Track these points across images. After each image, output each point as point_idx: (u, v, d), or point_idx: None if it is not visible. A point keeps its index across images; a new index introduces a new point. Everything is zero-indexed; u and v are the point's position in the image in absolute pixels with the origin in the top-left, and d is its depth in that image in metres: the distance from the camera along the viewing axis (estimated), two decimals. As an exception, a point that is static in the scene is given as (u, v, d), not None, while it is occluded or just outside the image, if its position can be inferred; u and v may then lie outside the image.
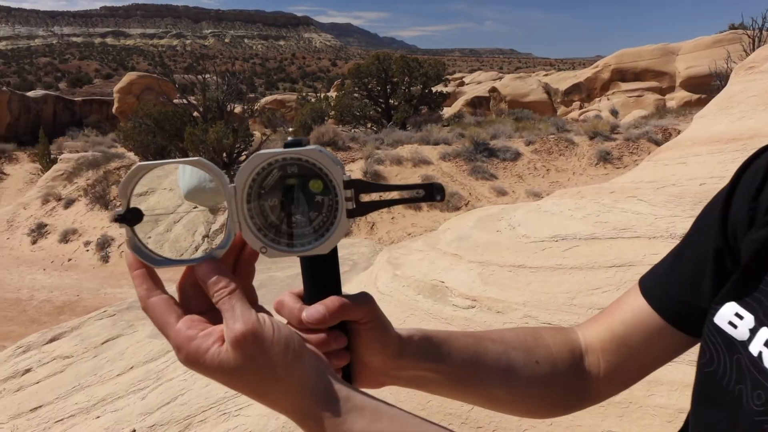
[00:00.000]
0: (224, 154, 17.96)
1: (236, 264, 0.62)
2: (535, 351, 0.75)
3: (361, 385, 0.65)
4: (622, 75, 32.44)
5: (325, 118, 25.16)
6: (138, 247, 0.58)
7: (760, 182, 0.63)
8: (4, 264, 15.70)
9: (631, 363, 0.76)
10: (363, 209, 0.58)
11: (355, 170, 16.63)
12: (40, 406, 2.55)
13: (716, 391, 0.60)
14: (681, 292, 0.70)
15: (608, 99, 31.57)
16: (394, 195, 0.63)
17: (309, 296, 0.61)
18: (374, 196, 0.61)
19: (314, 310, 0.59)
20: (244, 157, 18.70)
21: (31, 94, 39.12)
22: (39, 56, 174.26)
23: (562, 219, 2.27)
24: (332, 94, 33.58)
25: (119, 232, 15.86)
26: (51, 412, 2.48)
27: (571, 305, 1.81)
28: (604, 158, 17.21)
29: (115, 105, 34.46)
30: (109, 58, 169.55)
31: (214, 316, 0.57)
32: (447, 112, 31.42)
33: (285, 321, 0.61)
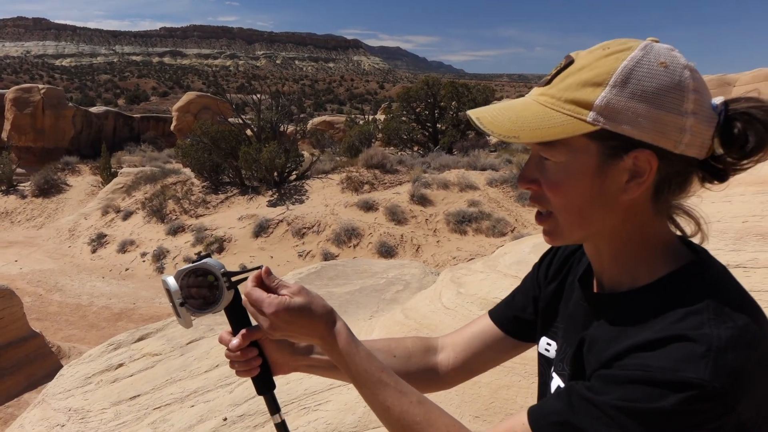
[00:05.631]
0: (275, 173, 18.56)
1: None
2: (395, 350, 1.12)
3: (275, 373, 1.05)
4: (674, 105, 31.84)
5: (373, 140, 25.62)
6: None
7: (552, 255, 1.06)
8: (66, 271, 16.48)
9: (473, 361, 1.12)
10: (233, 284, 1.01)
11: (403, 193, 16.93)
12: (138, 395, 2.87)
13: (544, 390, 0.99)
14: (514, 312, 1.10)
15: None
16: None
17: (233, 330, 1.03)
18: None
19: (234, 342, 1.00)
20: (294, 176, 19.30)
21: (93, 109, 40.89)
22: (100, 73, 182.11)
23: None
24: (379, 116, 34.13)
25: (174, 245, 16.51)
26: (149, 401, 2.79)
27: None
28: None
29: (174, 123, 35.74)
30: (165, 77, 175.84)
31: None
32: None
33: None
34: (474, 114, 0.82)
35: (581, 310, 0.90)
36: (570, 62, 0.80)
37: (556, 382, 0.92)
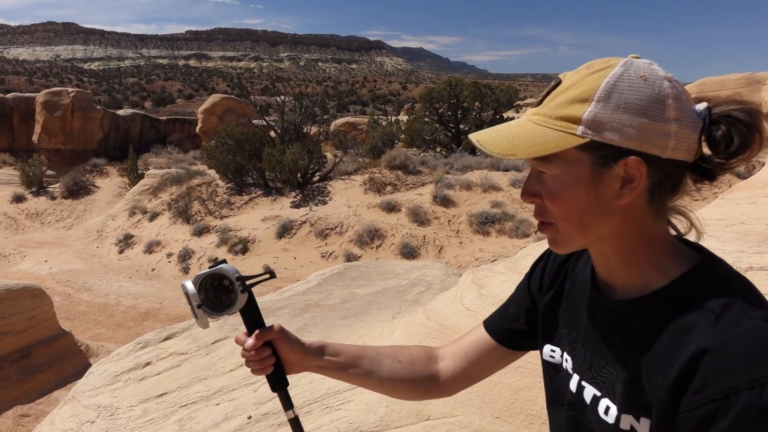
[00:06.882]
0: (299, 175, 18.69)
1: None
2: (400, 356, 1.20)
3: (288, 372, 1.14)
4: (702, 104, 31.24)
5: (395, 141, 25.63)
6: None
7: (543, 265, 1.09)
8: (94, 271, 16.79)
9: (471, 369, 1.17)
10: (247, 288, 1.09)
11: (425, 194, 16.92)
12: (165, 393, 2.94)
13: (556, 395, 1.01)
14: (508, 323, 1.14)
15: (686, 128, 30.46)
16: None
17: (248, 331, 1.12)
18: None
19: (249, 342, 1.10)
20: (317, 177, 19.43)
21: (121, 112, 41.53)
22: (127, 76, 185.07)
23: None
24: (402, 117, 34.12)
25: (199, 246, 16.72)
26: (175, 398, 2.86)
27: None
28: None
29: (199, 125, 36.15)
30: (191, 79, 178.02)
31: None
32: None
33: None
34: (474, 137, 0.89)
35: (602, 316, 0.91)
36: (558, 83, 0.87)
37: (591, 391, 0.90)
